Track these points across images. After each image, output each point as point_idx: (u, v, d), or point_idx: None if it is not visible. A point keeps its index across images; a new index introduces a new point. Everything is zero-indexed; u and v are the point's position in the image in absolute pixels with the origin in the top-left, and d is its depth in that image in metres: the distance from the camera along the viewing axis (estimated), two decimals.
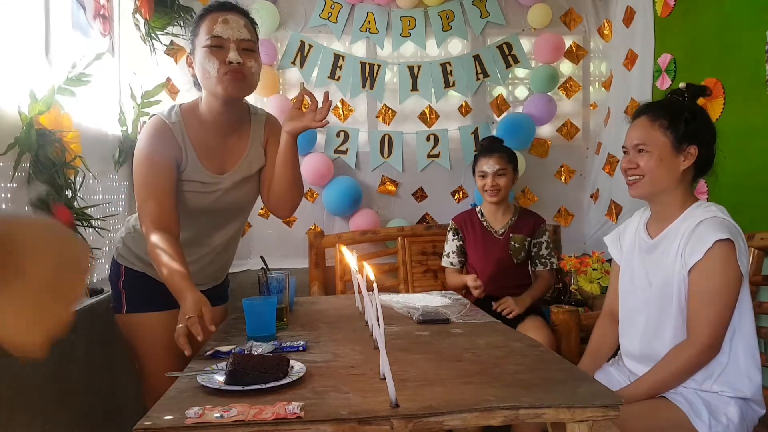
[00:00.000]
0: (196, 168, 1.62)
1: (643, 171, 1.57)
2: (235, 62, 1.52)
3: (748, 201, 2.15)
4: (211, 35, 1.53)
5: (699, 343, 1.45)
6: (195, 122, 1.64)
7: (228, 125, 1.67)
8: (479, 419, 0.95)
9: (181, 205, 1.62)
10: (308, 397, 1.00)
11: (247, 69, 1.56)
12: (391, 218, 3.32)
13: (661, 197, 1.59)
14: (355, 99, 3.29)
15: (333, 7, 3.21)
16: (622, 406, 0.97)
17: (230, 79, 1.54)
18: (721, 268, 1.43)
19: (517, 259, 2.52)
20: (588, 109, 3.47)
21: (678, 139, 1.53)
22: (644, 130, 1.57)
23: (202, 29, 1.56)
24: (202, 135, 1.64)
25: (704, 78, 2.36)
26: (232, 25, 1.54)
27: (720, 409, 1.45)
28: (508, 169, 2.52)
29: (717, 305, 1.43)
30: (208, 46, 1.54)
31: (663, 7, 2.69)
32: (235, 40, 1.54)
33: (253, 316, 1.41)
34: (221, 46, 1.54)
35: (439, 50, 3.34)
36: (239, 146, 1.70)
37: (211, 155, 1.65)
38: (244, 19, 1.58)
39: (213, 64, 1.53)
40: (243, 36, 1.55)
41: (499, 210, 2.58)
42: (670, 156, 1.54)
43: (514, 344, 1.35)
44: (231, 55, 1.52)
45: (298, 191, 1.73)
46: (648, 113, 1.59)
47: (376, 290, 1.08)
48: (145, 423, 0.91)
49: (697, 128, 1.54)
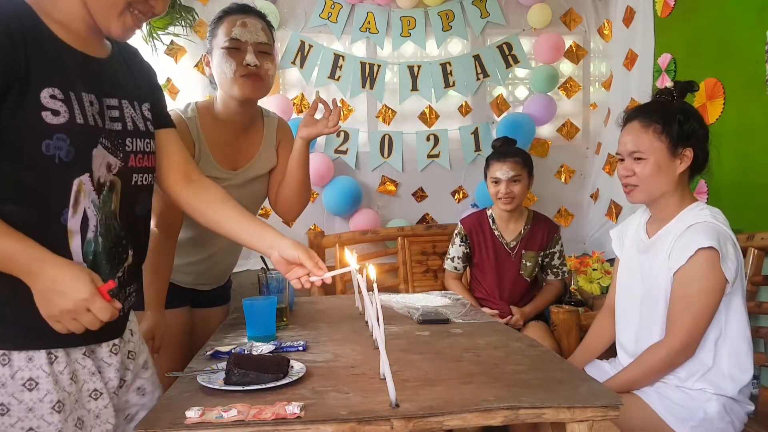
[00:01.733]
0: (209, 163, 1.64)
1: (639, 179, 1.57)
2: (252, 65, 1.56)
3: (748, 201, 2.15)
4: (229, 37, 1.57)
5: (671, 345, 1.48)
6: (210, 119, 1.67)
7: (242, 125, 1.70)
8: (479, 419, 0.95)
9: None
10: (308, 397, 1.00)
11: (263, 71, 1.60)
12: (391, 218, 3.32)
13: (659, 201, 1.59)
14: (355, 99, 3.29)
15: (333, 7, 3.21)
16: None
17: (247, 81, 1.58)
18: (701, 276, 1.45)
19: (529, 277, 2.46)
20: (588, 109, 3.47)
21: (673, 142, 1.53)
22: (638, 136, 1.56)
23: (221, 31, 1.59)
24: (216, 132, 1.66)
25: (704, 78, 2.37)
26: (250, 29, 1.58)
27: (699, 405, 1.48)
28: (523, 175, 2.39)
29: (691, 311, 1.46)
30: (226, 48, 1.57)
31: (663, 7, 2.69)
32: (253, 43, 1.58)
33: (253, 316, 1.41)
34: (239, 48, 1.57)
35: (439, 50, 3.34)
36: (252, 145, 1.74)
37: (224, 152, 1.68)
38: (261, 23, 1.62)
39: (230, 66, 1.57)
40: (260, 39, 1.59)
41: (511, 217, 2.46)
42: (666, 161, 1.54)
43: (514, 344, 1.35)
44: (248, 57, 1.56)
45: (307, 195, 1.78)
46: (640, 117, 1.58)
47: (376, 290, 1.08)
48: (145, 423, 0.91)
49: (690, 129, 1.54)
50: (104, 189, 1.03)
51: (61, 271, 0.93)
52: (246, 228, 1.26)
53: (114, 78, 1.09)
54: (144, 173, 1.13)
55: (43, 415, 0.98)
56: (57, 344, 1.00)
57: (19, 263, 0.92)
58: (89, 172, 1.00)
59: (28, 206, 0.96)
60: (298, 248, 1.21)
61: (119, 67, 1.12)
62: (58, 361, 1.00)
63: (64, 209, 0.98)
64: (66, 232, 0.99)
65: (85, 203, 1.00)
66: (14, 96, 0.92)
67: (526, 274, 2.45)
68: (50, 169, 0.96)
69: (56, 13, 1.00)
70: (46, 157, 0.95)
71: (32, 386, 0.97)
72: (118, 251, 1.08)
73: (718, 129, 2.28)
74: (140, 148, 1.11)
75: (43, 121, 0.94)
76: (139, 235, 1.15)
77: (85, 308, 0.93)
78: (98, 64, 1.06)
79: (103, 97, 1.05)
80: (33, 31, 0.96)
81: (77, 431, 1.02)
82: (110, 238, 1.05)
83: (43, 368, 0.98)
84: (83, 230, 1.01)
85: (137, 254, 1.14)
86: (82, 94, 1.00)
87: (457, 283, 2.56)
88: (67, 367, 1.01)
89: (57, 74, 0.97)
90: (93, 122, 1.01)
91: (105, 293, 0.95)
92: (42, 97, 0.94)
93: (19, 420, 0.96)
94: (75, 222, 1.00)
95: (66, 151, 0.96)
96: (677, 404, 1.49)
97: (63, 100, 0.96)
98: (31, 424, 0.97)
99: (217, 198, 1.28)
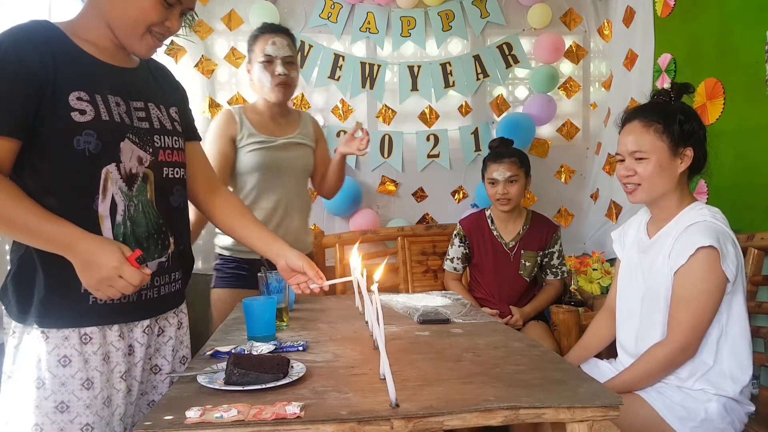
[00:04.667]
0: (252, 133, 2.11)
1: (641, 178, 1.56)
2: (282, 74, 2.07)
3: (748, 201, 2.15)
4: (264, 54, 2.07)
5: (672, 345, 1.49)
6: (253, 110, 2.18)
7: (279, 116, 2.19)
8: (479, 419, 0.95)
9: (245, 166, 2.10)
10: (308, 397, 1.00)
11: (290, 78, 2.11)
12: (391, 218, 3.32)
13: (660, 200, 1.59)
14: (355, 99, 3.29)
15: (333, 7, 3.21)
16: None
17: (279, 89, 2.09)
18: (702, 276, 1.46)
19: (528, 277, 2.47)
20: (588, 109, 3.47)
21: (674, 142, 1.54)
22: (639, 136, 1.56)
23: (257, 47, 2.10)
24: (258, 117, 2.16)
25: (704, 78, 2.37)
26: (279, 46, 2.07)
27: (700, 405, 1.48)
28: (520, 175, 2.40)
29: (693, 311, 1.46)
30: (262, 62, 2.08)
31: (663, 7, 2.69)
32: (281, 57, 2.07)
33: (253, 316, 1.41)
34: (271, 62, 2.07)
35: (439, 50, 3.35)
36: (289, 127, 2.20)
37: (266, 128, 2.14)
38: (287, 40, 2.11)
39: (266, 77, 2.08)
40: (287, 53, 2.09)
41: (510, 218, 2.48)
42: (668, 160, 1.54)
43: (514, 344, 1.35)
44: (279, 68, 2.07)
45: (341, 184, 2.33)
46: (640, 117, 1.58)
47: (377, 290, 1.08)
48: (145, 423, 0.91)
49: (691, 129, 1.55)
50: (138, 179, 1.20)
51: (93, 245, 1.07)
52: (259, 237, 1.47)
53: (140, 84, 1.26)
54: (174, 167, 1.29)
55: (74, 391, 1.12)
56: (89, 323, 1.14)
57: (59, 242, 1.07)
58: (116, 162, 1.16)
59: (65, 197, 1.12)
60: (302, 259, 1.42)
61: (146, 76, 1.30)
62: (92, 342, 1.14)
63: (95, 196, 1.14)
64: (98, 216, 1.14)
65: (112, 190, 1.16)
66: (47, 104, 1.09)
67: (525, 274, 2.45)
68: (82, 161, 1.12)
69: (86, 34, 1.19)
70: (78, 151, 1.11)
71: (66, 363, 1.12)
72: (160, 238, 1.24)
73: (718, 129, 2.28)
74: (168, 145, 1.27)
75: (73, 120, 1.10)
76: (178, 224, 1.30)
77: (117, 275, 1.06)
78: (125, 73, 1.23)
79: (130, 99, 1.21)
80: (62, 48, 1.14)
81: (105, 408, 1.15)
82: (148, 224, 1.21)
83: (75, 347, 1.12)
84: (112, 214, 1.16)
85: (178, 242, 1.29)
86: (108, 96, 1.16)
87: (456, 283, 2.56)
88: (100, 348, 1.15)
89: (82, 81, 1.14)
90: (119, 119, 1.17)
91: (133, 261, 1.08)
92: (70, 100, 1.10)
93: (53, 393, 1.11)
94: (105, 207, 1.15)
95: (94, 145, 1.12)
96: (678, 404, 1.49)
97: (89, 101, 1.12)
98: (63, 398, 1.11)
99: (236, 210, 1.49)
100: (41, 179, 1.11)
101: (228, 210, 1.48)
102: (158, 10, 1.16)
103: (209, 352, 1.30)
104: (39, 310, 1.12)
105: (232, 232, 1.51)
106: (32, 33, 1.12)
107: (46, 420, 1.10)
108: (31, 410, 1.10)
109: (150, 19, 1.16)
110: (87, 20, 1.20)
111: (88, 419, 1.13)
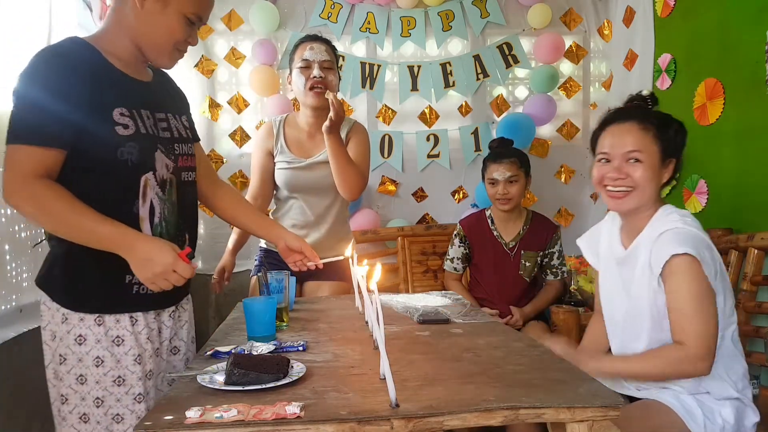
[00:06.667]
0: (283, 151, 2.19)
1: (635, 182, 1.45)
2: (318, 76, 2.06)
3: (748, 201, 2.15)
4: (301, 59, 2.09)
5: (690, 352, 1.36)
6: (292, 122, 2.23)
7: (316, 126, 2.15)
8: (479, 419, 0.95)
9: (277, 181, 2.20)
10: (308, 397, 1.00)
11: (328, 82, 2.09)
12: (391, 218, 3.32)
13: (639, 209, 1.50)
14: (355, 99, 3.29)
15: (333, 7, 3.21)
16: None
17: (314, 93, 2.08)
18: (688, 284, 1.36)
19: (528, 277, 2.47)
20: (588, 109, 3.47)
21: (665, 151, 1.46)
22: (638, 137, 1.45)
23: (297, 55, 2.11)
24: (295, 132, 2.21)
25: (704, 78, 2.37)
26: (316, 51, 2.08)
27: (715, 411, 1.43)
28: (520, 175, 2.40)
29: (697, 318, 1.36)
30: (300, 67, 2.09)
31: (663, 7, 2.69)
32: (318, 61, 2.08)
33: (253, 316, 1.41)
34: (309, 66, 2.08)
35: (439, 50, 3.34)
36: (322, 142, 2.10)
37: (299, 145, 2.20)
38: (325, 46, 2.12)
39: (302, 80, 2.09)
40: (323, 57, 2.09)
41: (510, 218, 2.47)
42: (658, 167, 1.47)
43: (514, 344, 1.35)
44: (315, 71, 2.07)
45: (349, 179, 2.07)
46: (637, 119, 1.48)
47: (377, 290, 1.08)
48: (145, 423, 0.91)
49: (681, 142, 1.49)
50: (167, 185, 1.34)
51: (150, 245, 1.20)
52: (258, 223, 1.67)
53: (159, 96, 1.39)
54: (189, 171, 1.43)
55: (128, 365, 1.27)
56: (135, 309, 1.30)
57: (117, 243, 1.19)
58: (153, 170, 1.30)
59: (107, 201, 1.23)
60: (299, 240, 1.63)
61: (161, 87, 1.43)
62: (138, 323, 1.30)
63: (135, 201, 1.27)
64: (138, 219, 1.28)
65: (151, 195, 1.29)
66: (91, 120, 1.20)
67: (525, 274, 2.45)
68: (124, 171, 1.25)
69: (112, 48, 1.29)
70: (121, 162, 1.24)
71: (119, 342, 1.27)
72: (181, 234, 1.39)
73: (718, 129, 2.28)
74: (184, 151, 1.40)
75: (117, 134, 1.23)
76: (190, 221, 1.44)
77: (172, 270, 1.19)
78: (146, 86, 1.36)
79: (155, 111, 1.34)
80: (99, 65, 1.25)
81: (147, 381, 1.31)
82: (173, 224, 1.35)
83: (126, 328, 1.28)
84: (151, 217, 1.30)
85: (191, 238, 1.43)
86: (141, 110, 1.29)
87: (456, 283, 2.56)
88: (144, 328, 1.31)
89: (121, 97, 1.26)
90: (152, 132, 1.31)
91: (184, 257, 1.21)
92: (114, 116, 1.23)
93: (111, 369, 1.26)
94: (144, 210, 1.29)
95: (136, 156, 1.26)
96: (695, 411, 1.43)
97: (129, 116, 1.26)
98: (119, 373, 1.27)
99: (235, 199, 1.66)
100: (85, 186, 1.22)
101: (229, 200, 1.63)
102: (184, 30, 1.30)
103: (209, 352, 1.31)
104: (94, 299, 1.26)
105: (235, 220, 1.68)
106: (70, 52, 1.22)
107: (106, 393, 1.25)
108: (92, 385, 1.25)
109: (177, 38, 1.31)
110: (110, 35, 1.30)
111: (140, 389, 1.28)
